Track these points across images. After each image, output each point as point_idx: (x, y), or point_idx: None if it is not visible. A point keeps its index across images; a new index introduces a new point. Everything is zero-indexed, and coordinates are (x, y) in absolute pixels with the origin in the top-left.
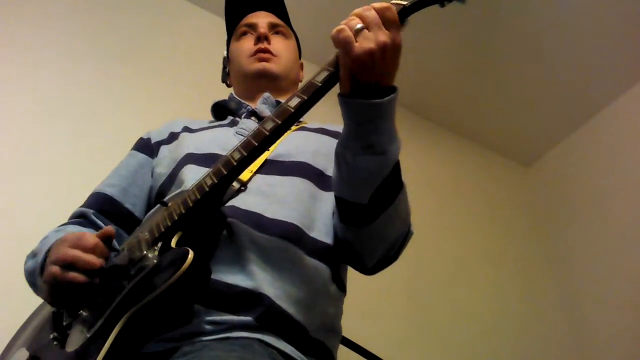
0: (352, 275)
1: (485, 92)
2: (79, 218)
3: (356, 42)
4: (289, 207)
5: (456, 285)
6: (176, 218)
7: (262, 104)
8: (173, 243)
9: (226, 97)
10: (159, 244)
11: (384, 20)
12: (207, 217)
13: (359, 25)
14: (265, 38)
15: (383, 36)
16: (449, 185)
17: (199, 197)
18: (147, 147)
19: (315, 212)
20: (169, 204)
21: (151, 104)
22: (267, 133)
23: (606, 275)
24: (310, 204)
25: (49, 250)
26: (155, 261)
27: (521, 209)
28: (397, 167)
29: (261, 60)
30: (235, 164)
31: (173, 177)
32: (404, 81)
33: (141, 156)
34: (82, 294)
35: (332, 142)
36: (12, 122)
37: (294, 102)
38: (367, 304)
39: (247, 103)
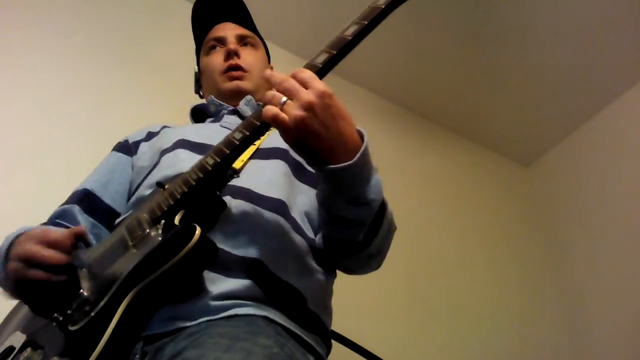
0: (353, 276)
1: (485, 91)
2: (59, 218)
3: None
4: (276, 186)
5: (456, 285)
6: (178, 197)
7: (244, 105)
8: (176, 221)
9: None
10: (162, 222)
11: (300, 81)
12: (207, 198)
13: (284, 99)
14: (235, 53)
15: (306, 96)
16: (448, 185)
17: (201, 175)
18: (125, 147)
19: (294, 196)
20: (166, 186)
21: (151, 104)
22: None
23: (605, 276)
24: (289, 187)
25: (9, 248)
26: (159, 238)
27: (521, 209)
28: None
29: (233, 78)
30: (237, 143)
31: (158, 163)
32: (404, 80)
33: (120, 154)
34: (48, 291)
35: None
36: (11, 122)
37: None
38: (367, 304)
39: (227, 105)
